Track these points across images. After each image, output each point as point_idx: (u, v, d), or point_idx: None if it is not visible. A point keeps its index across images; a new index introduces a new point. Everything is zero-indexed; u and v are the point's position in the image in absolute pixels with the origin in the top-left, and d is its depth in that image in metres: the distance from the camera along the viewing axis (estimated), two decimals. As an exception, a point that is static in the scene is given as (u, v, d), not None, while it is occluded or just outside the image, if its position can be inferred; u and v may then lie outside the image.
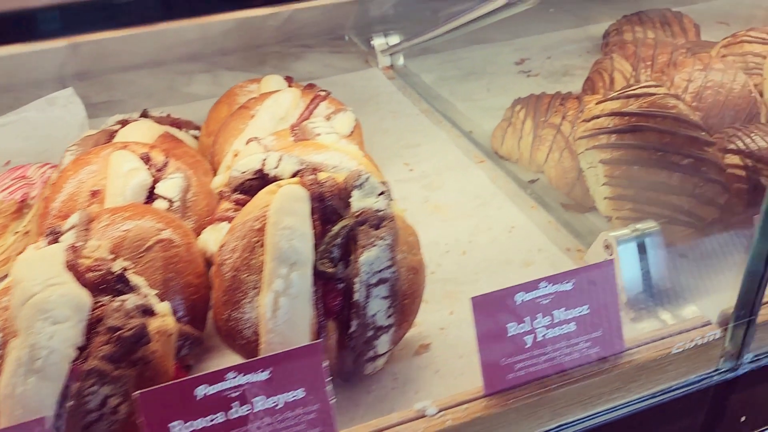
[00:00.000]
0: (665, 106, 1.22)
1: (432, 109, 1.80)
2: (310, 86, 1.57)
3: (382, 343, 0.95)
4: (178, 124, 1.53)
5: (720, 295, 1.01)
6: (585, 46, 2.19)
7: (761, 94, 1.51)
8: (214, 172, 1.32)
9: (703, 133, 1.22)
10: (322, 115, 1.41)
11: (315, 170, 1.03)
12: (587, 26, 2.36)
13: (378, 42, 2.09)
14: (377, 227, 0.96)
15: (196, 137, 1.51)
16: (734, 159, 1.26)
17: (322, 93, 1.45)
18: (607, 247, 1.11)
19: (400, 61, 2.11)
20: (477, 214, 1.36)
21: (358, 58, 2.17)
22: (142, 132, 1.25)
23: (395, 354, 1.03)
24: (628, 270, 1.09)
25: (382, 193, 1.00)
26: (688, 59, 1.54)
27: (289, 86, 1.54)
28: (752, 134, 1.28)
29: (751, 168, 1.23)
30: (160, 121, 1.51)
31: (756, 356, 1.00)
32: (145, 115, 1.49)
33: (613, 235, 1.10)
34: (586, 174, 1.25)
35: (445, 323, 1.10)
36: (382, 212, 0.97)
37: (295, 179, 1.01)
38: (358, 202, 0.98)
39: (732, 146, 1.28)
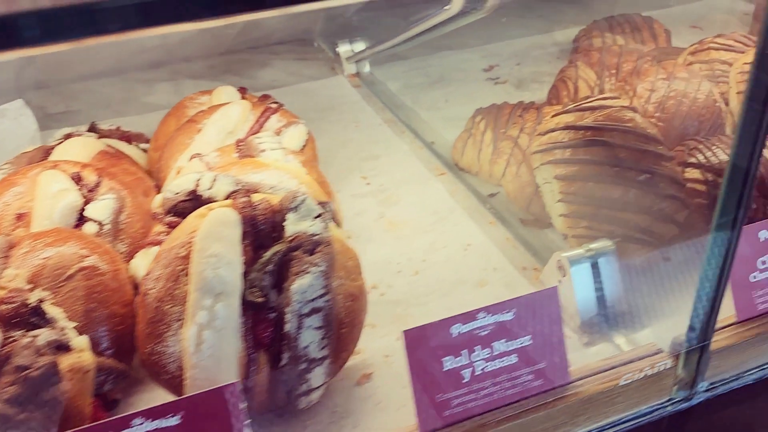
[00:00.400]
0: (621, 119, 1.17)
1: (396, 119, 1.75)
2: (265, 97, 1.52)
3: (316, 376, 0.90)
4: (127, 137, 1.47)
5: (676, 318, 0.97)
6: (555, 51, 2.15)
7: (727, 103, 1.47)
8: (160, 189, 1.26)
9: (661, 147, 1.18)
10: (273, 128, 1.35)
11: (249, 192, 0.98)
12: (559, 31, 2.32)
13: (343, 49, 2.04)
14: (311, 252, 0.91)
15: (146, 151, 1.46)
16: (694, 173, 1.22)
17: (273, 105, 1.40)
18: (560, 267, 1.07)
19: (366, 68, 2.07)
20: (433, 230, 1.31)
21: (324, 65, 2.12)
22: (78, 149, 1.19)
23: (335, 384, 0.98)
24: (581, 292, 1.04)
25: (318, 216, 0.95)
26: (651, 68, 1.50)
27: (243, 98, 1.49)
28: (713, 147, 1.23)
29: (712, 182, 1.19)
30: (109, 134, 1.45)
31: (711, 384, 0.95)
32: (93, 128, 1.43)
33: (566, 255, 1.05)
34: (542, 189, 1.20)
35: (390, 350, 1.05)
36: (317, 236, 0.92)
37: (228, 202, 0.96)
38: (293, 225, 0.93)
39: (692, 159, 1.23)
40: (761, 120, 0.76)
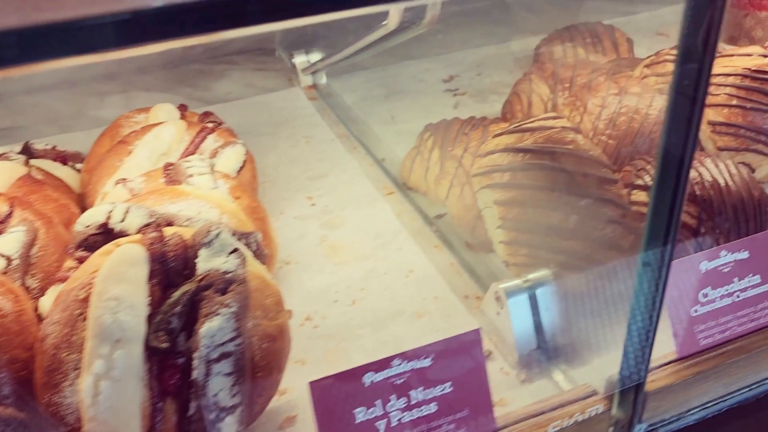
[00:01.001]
0: (562, 141, 1.12)
1: (349, 134, 1.70)
2: (206, 115, 1.46)
3: (228, 426, 0.84)
4: (63, 157, 1.41)
5: (613, 354, 0.91)
6: (518, 61, 2.09)
7: (685, 118, 1.43)
8: (88, 215, 1.20)
9: (604, 170, 1.12)
10: (210, 149, 1.29)
11: (161, 225, 0.92)
12: (523, 39, 2.27)
13: (299, 60, 1.98)
14: (224, 292, 0.85)
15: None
16: (641, 195, 1.16)
17: (210, 125, 1.34)
18: (498, 299, 1.01)
19: (323, 79, 2.01)
20: (375, 255, 1.26)
21: (282, 76, 2.06)
22: (-6, 176, 1.13)
23: (255, 429, 0.93)
24: (519, 325, 0.99)
25: (234, 251, 0.89)
26: (603, 82, 1.45)
27: (182, 116, 1.43)
28: (665, 167, 1.18)
29: (662, 205, 1.14)
30: (43, 154, 1.39)
31: (651, 426, 0.90)
32: (26, 148, 1.37)
33: (503, 286, 1.00)
34: (483, 214, 1.15)
35: (318, 389, 0.99)
36: (230, 274, 0.86)
37: (137, 237, 0.90)
38: (205, 262, 0.87)
39: (639, 181, 1.18)
40: (686, 141, 0.70)
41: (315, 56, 1.98)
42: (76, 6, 0.48)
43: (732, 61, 1.39)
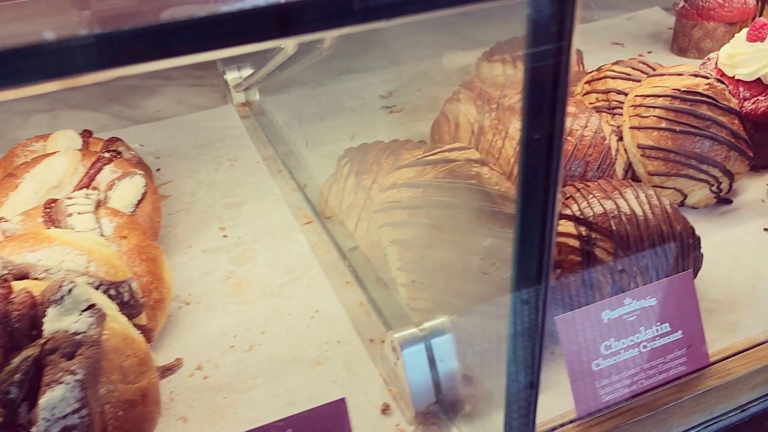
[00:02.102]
0: (464, 175, 1.04)
1: (276, 156, 1.62)
2: (112, 141, 1.37)
3: (73, 506, 0.76)
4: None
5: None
6: (462, 74, 2.02)
7: (621, 138, 1.36)
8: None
9: (512, 205, 1.04)
10: (106, 180, 1.21)
11: (8, 280, 0.84)
12: (472, 50, 2.19)
13: (231, 76, 1.89)
14: (71, 356, 0.77)
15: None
16: (568, 226, 1.09)
17: (107, 154, 1.25)
18: (394, 349, 0.94)
19: (256, 96, 1.92)
20: (282, 293, 1.18)
21: (218, 92, 1.98)
22: None
23: (118, 502, 0.84)
24: (415, 377, 0.91)
25: (89, 308, 0.81)
26: (534, 102, 1.37)
27: (85, 142, 1.34)
28: (590, 196, 1.11)
29: (585, 238, 1.06)
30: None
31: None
32: None
33: (398, 336, 0.92)
34: (386, 253, 1.07)
35: (197, 452, 0.91)
36: (80, 335, 0.78)
37: (-18, 293, 0.82)
38: (53, 323, 0.79)
39: (566, 210, 1.11)
40: (547, 174, 0.61)
41: (247, 72, 1.90)
42: None
43: (662, 81, 1.32)
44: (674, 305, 0.88)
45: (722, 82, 1.31)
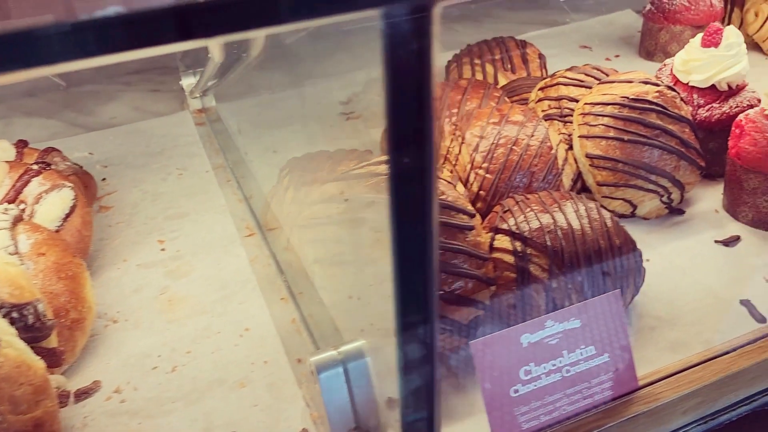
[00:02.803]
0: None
1: (226, 165, 1.58)
2: (47, 151, 1.33)
3: None
4: None
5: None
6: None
7: (571, 147, 1.32)
8: None
9: (458, 215, 1.01)
10: (34, 193, 1.17)
11: None
12: (442, 53, 2.16)
13: (187, 82, 1.85)
14: (-45, 387, 0.73)
15: None
16: (504, 241, 1.05)
17: (36, 166, 1.21)
18: (312, 372, 0.90)
19: (212, 103, 1.88)
20: (213, 310, 1.14)
21: (176, 98, 1.94)
22: None
23: None
24: (332, 403, 0.87)
25: (-21, 335, 0.77)
26: (485, 109, 1.34)
27: (20, 153, 1.30)
28: (528, 209, 1.07)
29: (520, 254, 1.03)
30: None
31: None
32: None
33: (314, 359, 0.88)
34: (311, 272, 1.03)
35: (103, 482, 0.87)
36: (-34, 364, 0.74)
37: None
38: (-62, 351, 0.75)
39: (504, 225, 1.07)
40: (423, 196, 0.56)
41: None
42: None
43: (612, 89, 1.28)
44: (600, 327, 0.84)
45: (673, 90, 1.27)
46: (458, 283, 0.96)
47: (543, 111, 1.41)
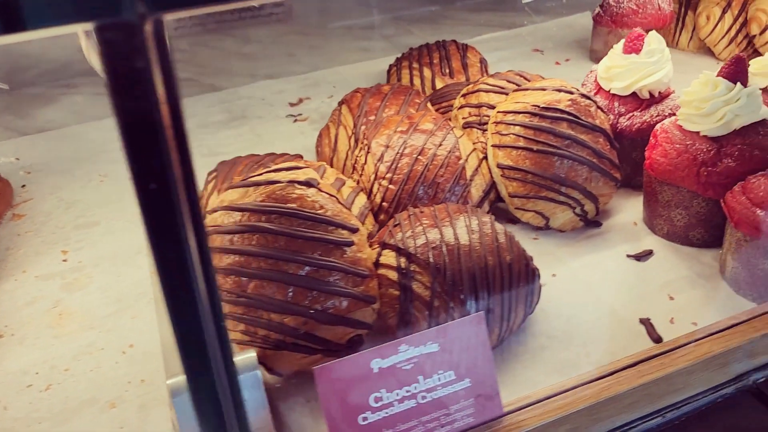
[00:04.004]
0: (284, 198, 0.97)
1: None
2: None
3: None
4: None
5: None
6: (376, 81, 1.94)
7: (485, 157, 1.28)
8: None
9: (337, 230, 0.97)
10: (-75, 204, 1.14)
11: None
12: (385, 56, 2.12)
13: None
14: None
15: None
16: (389, 257, 1.02)
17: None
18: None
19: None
20: (102, 325, 1.11)
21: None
22: None
23: None
24: (187, 426, 0.84)
25: None
26: (395, 117, 1.30)
27: None
28: (417, 224, 1.03)
29: (404, 270, 0.99)
30: None
31: None
32: None
33: (171, 382, 0.85)
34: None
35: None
36: None
37: None
38: None
39: (391, 240, 1.03)
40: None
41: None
42: None
43: (525, 97, 1.24)
44: (461, 351, 0.81)
45: (588, 98, 1.23)
46: (331, 301, 0.93)
47: (464, 118, 1.37)
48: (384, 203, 1.18)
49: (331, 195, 1.01)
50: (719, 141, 1.09)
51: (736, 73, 1.08)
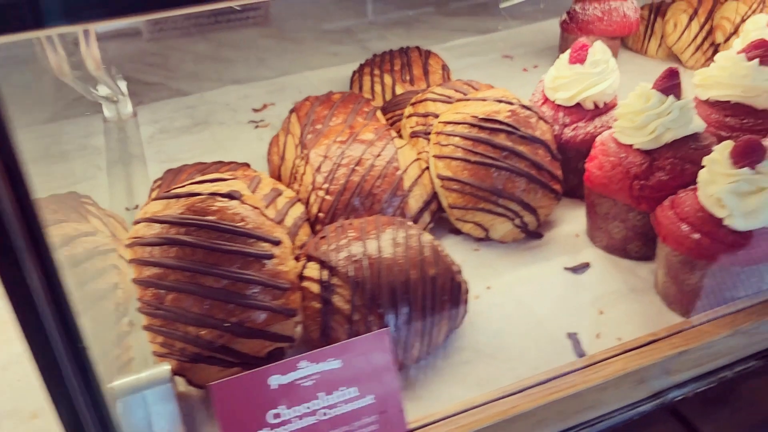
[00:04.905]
0: (204, 211, 0.97)
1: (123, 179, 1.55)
2: None
3: None
4: None
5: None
6: (344, 87, 1.94)
7: (428, 168, 1.28)
8: None
9: (258, 243, 0.97)
10: None
11: None
12: (352, 62, 2.12)
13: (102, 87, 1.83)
14: None
15: None
16: (313, 269, 1.01)
17: None
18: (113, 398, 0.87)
19: (128, 108, 1.86)
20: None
21: (95, 102, 1.91)
22: None
23: None
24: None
25: None
26: (336, 126, 1.30)
27: None
28: (343, 237, 1.03)
29: (325, 283, 0.99)
30: None
31: None
32: None
33: (113, 385, 0.85)
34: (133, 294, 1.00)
35: None
36: None
37: None
38: None
39: (315, 252, 1.03)
40: None
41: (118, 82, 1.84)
42: None
43: (465, 107, 1.24)
44: (365, 367, 0.80)
45: (528, 108, 1.23)
46: (248, 314, 0.93)
47: (411, 127, 1.37)
48: (320, 214, 1.18)
49: (255, 207, 1.01)
50: (651, 154, 1.09)
51: (669, 85, 1.07)
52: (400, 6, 2.69)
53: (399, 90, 1.70)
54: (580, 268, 1.17)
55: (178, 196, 1.01)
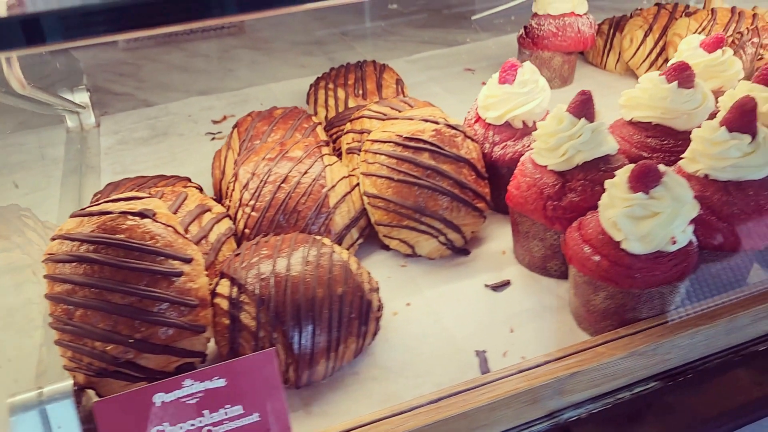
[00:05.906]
0: (113, 229, 0.99)
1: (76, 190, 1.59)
2: None
3: None
4: None
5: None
6: (302, 100, 1.96)
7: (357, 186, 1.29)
8: None
9: (168, 261, 0.99)
10: None
11: None
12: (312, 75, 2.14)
13: (65, 96, 1.86)
14: None
15: None
16: (224, 286, 1.03)
17: None
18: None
19: (90, 119, 1.90)
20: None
21: (61, 112, 1.95)
22: None
23: None
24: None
25: None
26: (265, 145, 1.32)
27: None
28: (256, 255, 1.05)
29: (234, 300, 1.01)
30: None
31: None
32: None
33: (13, 400, 0.87)
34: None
35: None
36: None
37: None
38: None
39: (228, 269, 1.05)
40: None
41: (81, 94, 1.87)
42: None
43: (393, 126, 1.26)
44: (250, 385, 0.82)
45: (453, 128, 1.25)
46: (153, 330, 0.95)
47: (348, 144, 1.39)
48: (246, 230, 1.20)
49: (168, 225, 1.04)
50: (564, 176, 1.10)
51: (582, 108, 1.09)
52: (373, 17, 2.71)
53: (351, 104, 1.72)
54: (500, 286, 1.19)
55: (91, 214, 1.03)
